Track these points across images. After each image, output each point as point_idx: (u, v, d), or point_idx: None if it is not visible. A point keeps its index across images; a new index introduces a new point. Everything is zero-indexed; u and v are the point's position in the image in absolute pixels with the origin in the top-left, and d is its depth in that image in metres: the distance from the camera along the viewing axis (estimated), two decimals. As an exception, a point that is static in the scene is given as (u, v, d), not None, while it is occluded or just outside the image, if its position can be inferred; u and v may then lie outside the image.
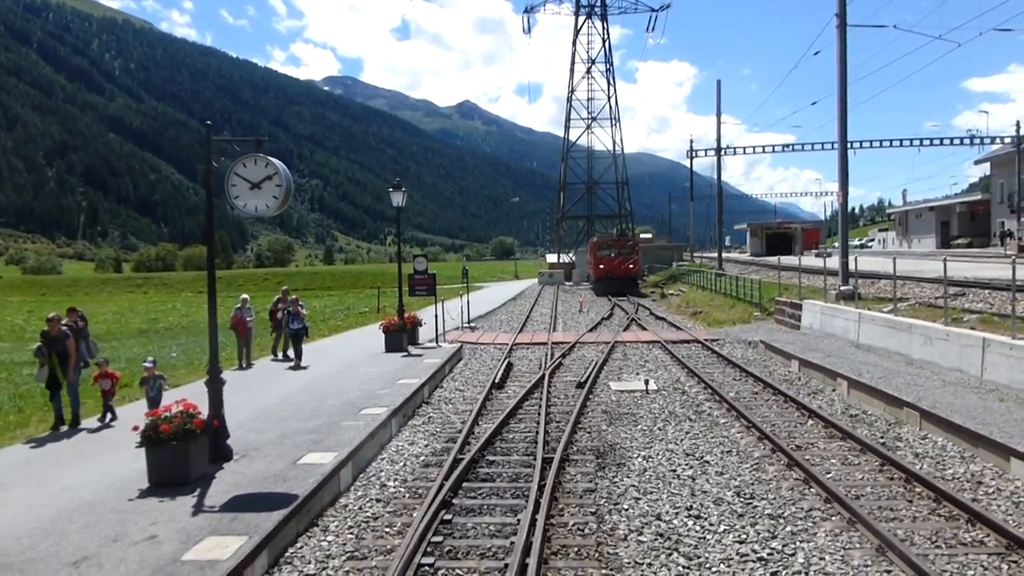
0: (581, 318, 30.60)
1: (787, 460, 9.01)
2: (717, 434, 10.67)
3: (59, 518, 6.75)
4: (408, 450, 10.12)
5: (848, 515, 7.11)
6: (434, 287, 19.75)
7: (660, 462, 9.27)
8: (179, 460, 7.56)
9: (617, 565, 6.28)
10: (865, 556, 6.26)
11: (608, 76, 73.59)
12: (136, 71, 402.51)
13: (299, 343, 16.45)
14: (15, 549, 6.02)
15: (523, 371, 16.55)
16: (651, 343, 20.70)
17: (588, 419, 11.71)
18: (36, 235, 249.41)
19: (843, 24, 18.87)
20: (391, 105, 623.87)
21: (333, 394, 12.70)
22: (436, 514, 7.36)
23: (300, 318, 16.46)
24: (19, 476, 8.21)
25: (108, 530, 6.41)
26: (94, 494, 7.42)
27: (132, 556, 5.84)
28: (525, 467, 9.00)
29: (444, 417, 12.15)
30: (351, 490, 8.42)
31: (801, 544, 6.58)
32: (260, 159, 8.20)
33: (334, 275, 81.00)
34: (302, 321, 16.56)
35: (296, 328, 16.38)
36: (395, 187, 18.12)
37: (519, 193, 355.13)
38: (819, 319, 19.51)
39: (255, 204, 8.22)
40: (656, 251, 71.49)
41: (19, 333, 35.66)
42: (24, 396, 14.35)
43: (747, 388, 14.00)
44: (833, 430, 10.44)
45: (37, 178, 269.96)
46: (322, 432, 9.88)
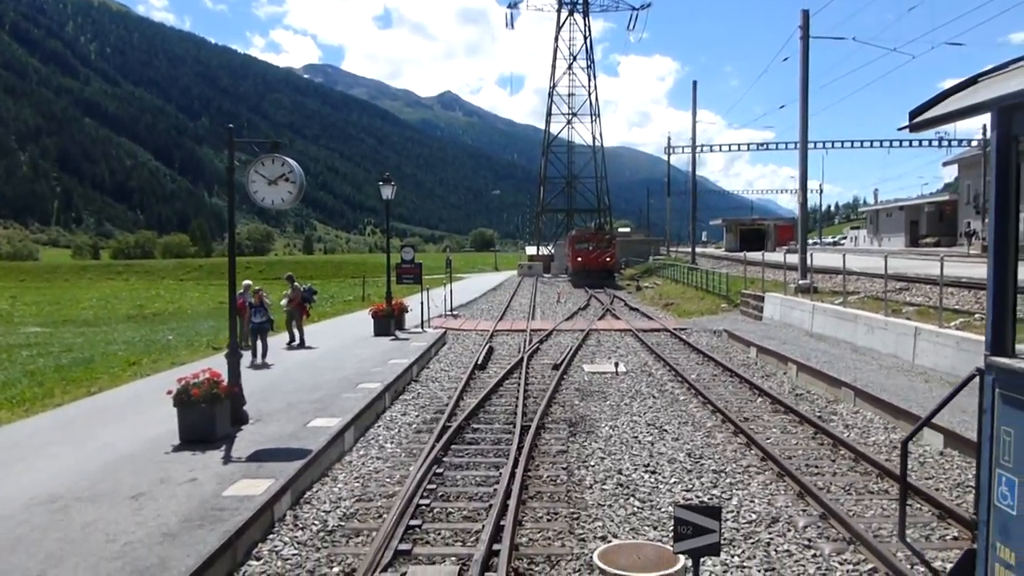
0: (559, 308, 31.91)
1: (735, 429, 10.34)
2: (677, 408, 11.98)
3: (109, 466, 7.89)
4: (401, 419, 11.34)
5: (778, 470, 8.44)
6: (420, 276, 20.95)
7: (624, 430, 10.56)
8: (207, 420, 8.71)
9: (583, 506, 7.54)
10: (787, 499, 7.59)
11: (589, 72, 74.95)
12: (112, 55, 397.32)
13: (264, 336, 15.34)
14: (81, 488, 7.17)
15: (503, 355, 17.79)
16: (623, 331, 22.04)
17: (562, 395, 12.98)
18: (8, 221, 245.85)
19: (806, 36, 20.28)
20: (372, 94, 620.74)
21: (330, 371, 13.88)
22: (430, 468, 8.58)
23: (264, 310, 15.30)
24: (62, 436, 9.32)
25: (154, 475, 7.57)
26: (133, 449, 8.55)
27: (180, 493, 7.02)
28: (506, 433, 10.24)
29: (432, 393, 13.37)
30: (354, 450, 9.63)
31: (737, 491, 7.89)
32: (277, 159, 9.34)
33: (316, 264, 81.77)
34: (267, 314, 15.35)
35: (260, 321, 15.20)
36: (384, 180, 19.24)
37: (499, 185, 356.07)
38: (779, 310, 20.97)
39: (272, 198, 9.36)
40: (633, 245, 73.05)
41: (7, 318, 36.30)
42: (34, 373, 15.28)
43: (708, 371, 15.36)
44: (778, 406, 11.81)
45: (10, 163, 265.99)
46: (324, 402, 11.08)
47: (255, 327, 15.18)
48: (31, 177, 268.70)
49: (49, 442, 9.00)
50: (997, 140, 3.14)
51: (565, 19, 74.30)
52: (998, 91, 3.11)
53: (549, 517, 7.23)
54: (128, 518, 6.36)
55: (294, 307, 17.66)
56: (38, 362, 17.62)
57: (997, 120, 3.15)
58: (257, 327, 15.17)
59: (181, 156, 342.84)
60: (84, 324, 32.60)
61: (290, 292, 17.59)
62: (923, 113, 3.69)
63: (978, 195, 60.09)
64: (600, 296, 37.86)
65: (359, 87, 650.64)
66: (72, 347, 21.25)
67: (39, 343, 23.26)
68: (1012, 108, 3.08)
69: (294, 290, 17.52)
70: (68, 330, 28.87)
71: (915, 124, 3.75)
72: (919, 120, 3.70)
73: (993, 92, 3.14)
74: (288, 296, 17.67)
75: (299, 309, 17.75)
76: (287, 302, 17.67)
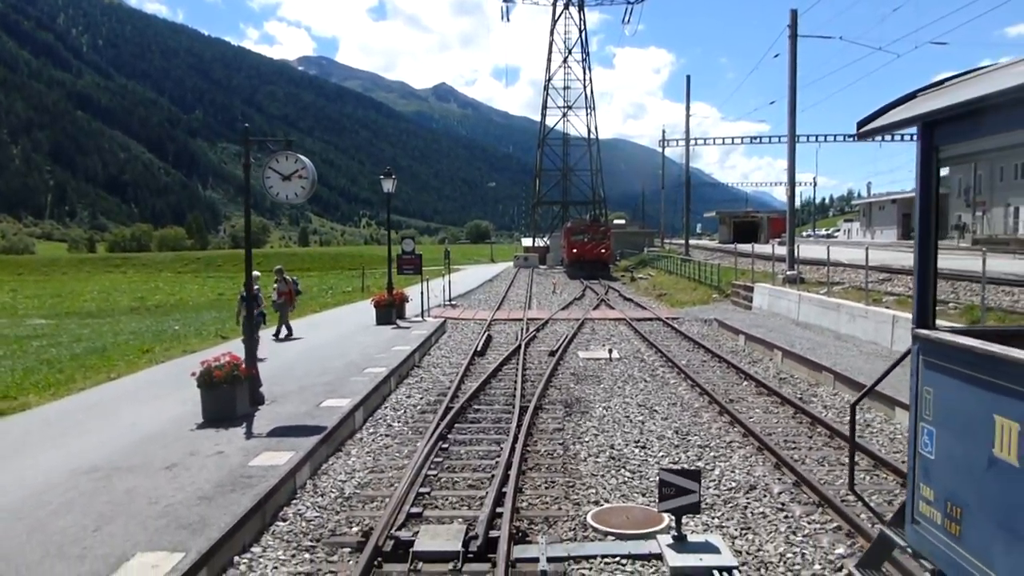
0: (554, 298, 32.57)
1: (720, 409, 11.03)
2: (667, 391, 12.65)
3: (140, 442, 8.53)
4: (406, 401, 11.99)
5: (759, 444, 9.12)
6: (420, 266, 21.58)
7: (617, 411, 11.22)
8: (228, 400, 9.36)
9: (578, 476, 8.21)
10: (764, 470, 8.27)
11: (584, 65, 75.42)
12: (104, 47, 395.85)
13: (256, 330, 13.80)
14: (117, 460, 7.81)
15: (501, 342, 18.45)
16: (617, 320, 22.71)
17: (558, 379, 13.64)
18: (2, 215, 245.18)
19: (794, 36, 20.92)
20: (367, 86, 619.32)
21: (336, 357, 14.52)
22: (435, 444, 9.24)
23: (258, 303, 14.22)
24: (90, 417, 9.95)
25: (183, 449, 8.22)
26: (159, 428, 9.19)
27: (209, 464, 7.66)
28: (506, 413, 10.90)
29: (434, 377, 14.03)
30: (363, 428, 10.28)
31: (719, 463, 8.57)
32: (291, 156, 9.94)
33: (313, 256, 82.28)
34: (259, 306, 14.40)
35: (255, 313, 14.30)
36: (386, 174, 19.84)
37: (495, 177, 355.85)
38: (768, 300, 21.66)
39: (286, 193, 9.97)
40: (628, 237, 73.71)
41: (11, 310, 36.80)
42: (52, 362, 15.84)
43: (698, 357, 16.04)
44: (763, 388, 12.50)
45: (2, 156, 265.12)
46: (334, 385, 11.72)
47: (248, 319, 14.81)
48: (24, 170, 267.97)
49: (80, 422, 9.63)
50: (921, 150, 3.79)
51: (560, 13, 74.81)
52: (922, 108, 3.76)
53: (547, 485, 7.90)
54: (165, 485, 7.01)
55: (285, 300, 17.51)
56: (50, 352, 18.18)
57: (921, 132, 3.80)
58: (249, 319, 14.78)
59: (175, 149, 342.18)
60: (88, 316, 33.16)
61: (279, 285, 17.44)
62: (868, 124, 4.34)
63: (969, 189, 61.00)
64: (595, 287, 38.53)
65: (354, 79, 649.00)
66: (80, 338, 21.82)
67: (47, 334, 23.81)
68: (933, 123, 3.73)
69: (284, 283, 17.45)
70: (73, 322, 29.41)
71: (861, 133, 4.40)
72: (864, 129, 4.35)
73: (919, 109, 3.79)
74: (277, 289, 17.49)
75: (288, 302, 17.62)
76: (277, 295, 17.51)
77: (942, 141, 3.72)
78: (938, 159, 3.79)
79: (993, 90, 3.16)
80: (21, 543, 5.66)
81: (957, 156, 3.91)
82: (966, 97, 3.37)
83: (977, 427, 3.31)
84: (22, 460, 7.90)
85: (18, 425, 9.59)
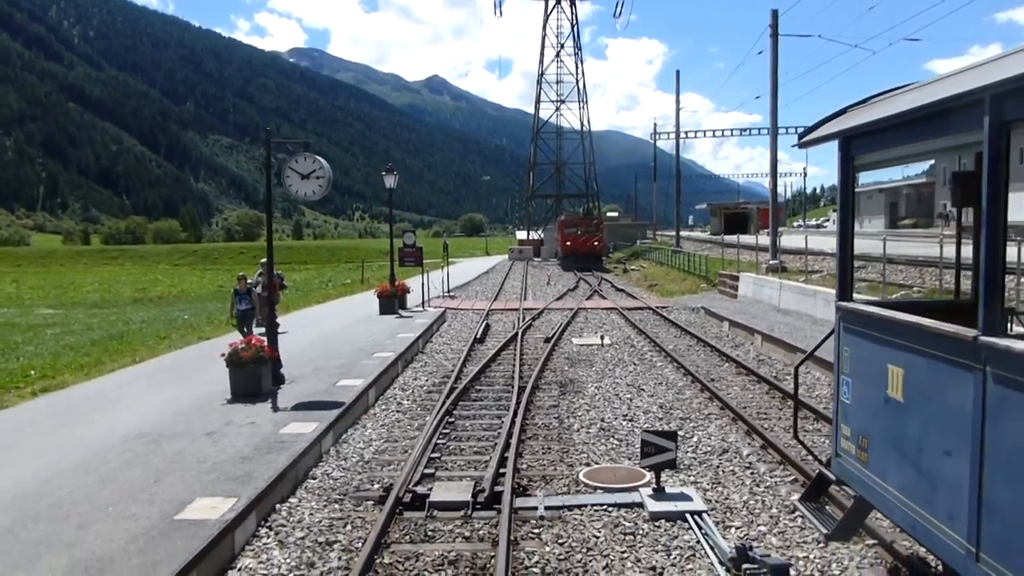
0: (549, 289, 33.57)
1: (701, 387, 12.04)
2: (654, 373, 13.66)
3: (178, 414, 9.49)
4: (413, 383, 12.97)
5: (734, 416, 10.14)
6: (421, 258, 22.54)
7: (608, 390, 12.22)
8: (254, 379, 10.32)
9: (571, 443, 9.21)
10: (737, 436, 9.29)
11: (576, 59, 76.29)
12: (96, 39, 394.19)
13: (249, 324, 14.91)
14: (162, 429, 8.77)
15: (499, 330, 19.43)
16: (609, 309, 23.73)
17: (554, 363, 14.64)
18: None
19: (775, 35, 21.91)
20: (359, 79, 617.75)
21: (345, 343, 15.49)
22: (443, 418, 10.22)
23: (249, 297, 14.96)
24: (127, 393, 10.91)
25: (219, 420, 9.18)
26: (193, 403, 10.15)
27: (244, 432, 8.63)
28: (505, 392, 11.89)
29: (437, 362, 15.01)
30: (376, 406, 11.26)
31: (697, 431, 9.58)
32: (308, 157, 10.89)
33: (309, 249, 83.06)
34: (250, 301, 14.94)
35: (245, 308, 14.85)
36: (388, 170, 20.76)
37: (488, 170, 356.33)
38: (752, 289, 22.71)
39: (304, 191, 10.92)
40: (621, 229, 74.77)
41: (17, 301, 37.58)
42: (75, 347, 16.75)
43: (684, 343, 17.06)
44: (742, 369, 13.52)
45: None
46: (346, 367, 12.70)
47: (241, 314, 14.82)
48: (16, 162, 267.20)
49: (118, 398, 10.59)
50: (840, 159, 4.78)
51: (553, 7, 75.57)
52: (840, 126, 4.74)
53: (544, 451, 8.90)
54: (209, 448, 7.99)
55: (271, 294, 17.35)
56: (67, 339, 19.08)
57: (840, 145, 4.78)
58: (242, 314, 14.84)
59: (166, 141, 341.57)
60: (93, 306, 33.98)
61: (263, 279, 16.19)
62: (806, 136, 5.32)
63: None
64: (588, 278, 39.53)
65: (346, 71, 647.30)
66: (92, 326, 22.72)
67: (58, 323, 24.68)
68: (849, 137, 4.72)
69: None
70: (80, 311, 30.25)
71: (801, 143, 5.39)
72: (803, 141, 5.33)
73: (838, 127, 4.78)
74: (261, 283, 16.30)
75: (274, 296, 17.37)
76: (261, 289, 16.22)
77: (856, 152, 4.71)
78: (853, 166, 4.77)
79: (887, 113, 4.14)
80: (97, 490, 6.64)
81: (868, 163, 4.89)
82: (869, 118, 4.36)
83: (877, 374, 4.32)
84: (76, 428, 8.86)
85: (62, 401, 10.54)
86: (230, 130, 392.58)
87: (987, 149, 3.27)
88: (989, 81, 3.22)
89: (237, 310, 14.91)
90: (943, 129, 3.74)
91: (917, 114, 3.84)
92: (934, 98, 3.62)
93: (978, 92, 3.29)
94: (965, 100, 3.39)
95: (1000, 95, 3.19)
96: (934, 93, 3.70)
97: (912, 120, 3.93)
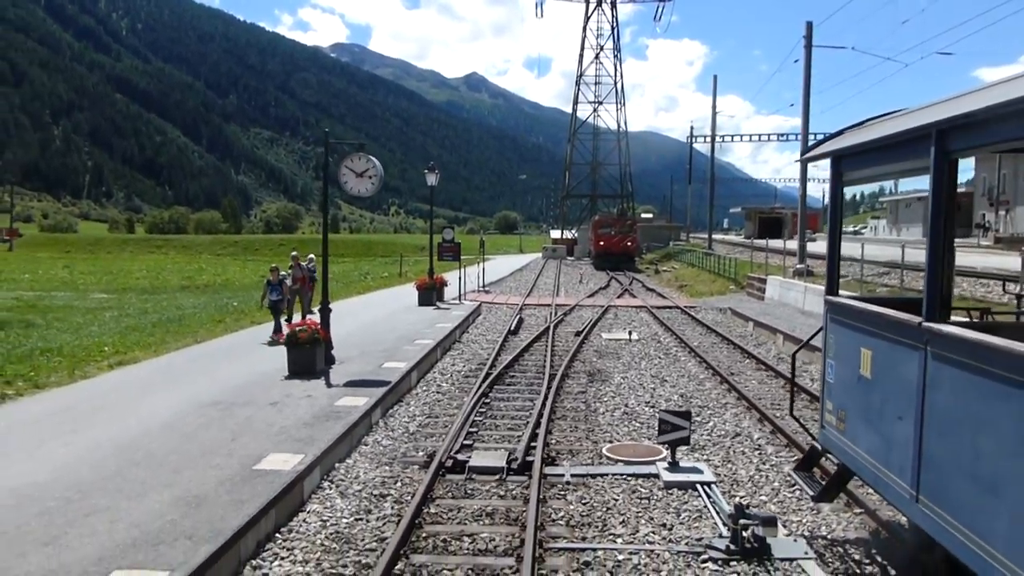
0: (581, 287, 34.38)
1: (721, 379, 12.83)
2: (678, 366, 14.46)
3: (243, 387, 10.56)
4: (451, 368, 13.94)
5: (748, 405, 10.93)
6: (459, 253, 23.54)
7: (633, 380, 13.06)
8: (309, 358, 11.36)
9: (597, 424, 10.08)
10: (751, 423, 10.09)
11: (616, 61, 76.83)
12: (143, 31, 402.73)
13: (278, 316, 15.43)
14: (231, 398, 9.83)
15: (532, 324, 20.34)
16: (639, 308, 24.50)
17: (583, 355, 15.50)
18: (42, 193, 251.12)
19: (809, 46, 22.49)
20: (398, 75, 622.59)
21: (388, 331, 16.52)
22: (479, 399, 11.16)
23: (280, 288, 15.45)
24: (194, 368, 12.03)
25: (279, 392, 10.23)
26: (254, 378, 11.22)
27: (303, 404, 9.65)
28: (537, 379, 12.79)
29: (473, 351, 15.97)
30: (417, 387, 12.24)
31: (713, 417, 10.40)
32: (363, 157, 11.90)
33: (347, 243, 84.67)
34: (280, 292, 15.45)
35: (276, 299, 15.34)
36: (430, 169, 21.79)
37: (524, 168, 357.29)
38: (778, 291, 23.32)
39: (358, 188, 11.93)
40: (655, 231, 75.16)
41: (72, 285, 39.38)
42: (137, 328, 17.96)
43: (709, 340, 17.81)
44: (761, 365, 14.27)
45: (43, 136, 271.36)
46: (391, 351, 13.71)
47: (273, 304, 15.34)
48: (63, 151, 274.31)
49: (187, 372, 11.71)
50: (831, 174, 5.60)
51: (593, 9, 76.20)
52: (831, 147, 5.56)
53: (571, 430, 9.79)
54: (274, 415, 9.01)
55: (300, 286, 17.48)
56: (127, 321, 20.38)
57: (832, 163, 5.60)
58: (274, 304, 15.35)
59: (209, 133, 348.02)
60: (143, 292, 35.56)
61: (293, 271, 17.36)
62: (807, 153, 6.16)
63: (992, 188, 61.63)
64: (620, 278, 40.26)
65: (385, 67, 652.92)
66: (147, 310, 24.09)
67: (114, 307, 26.11)
68: (838, 157, 5.53)
69: (299, 269, 17.57)
70: (132, 296, 31.77)
71: (803, 159, 6.26)
72: (804, 157, 6.18)
73: (830, 147, 5.60)
74: (292, 275, 17.22)
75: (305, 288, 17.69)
76: (292, 281, 17.12)
77: (844, 169, 5.53)
78: (842, 181, 5.59)
79: (865, 139, 4.97)
80: (183, 445, 7.69)
81: (854, 179, 5.69)
82: (854, 142, 5.18)
83: (853, 357, 5.14)
84: (154, 396, 9.96)
85: (138, 374, 11.69)
86: (271, 123, 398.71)
87: (932, 174, 4.10)
88: (937, 118, 4.04)
89: (269, 300, 15.44)
90: (908, 155, 4.56)
91: (888, 141, 4.66)
92: (897, 130, 4.45)
93: (928, 127, 4.11)
94: (919, 133, 4.22)
95: (943, 131, 4.01)
96: (900, 125, 4.52)
97: (884, 146, 4.76)
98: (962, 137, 3.90)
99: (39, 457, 7.29)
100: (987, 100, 3.55)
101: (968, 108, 3.70)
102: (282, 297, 15.48)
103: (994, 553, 3.41)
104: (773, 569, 5.62)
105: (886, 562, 5.79)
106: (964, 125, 3.81)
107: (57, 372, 11.53)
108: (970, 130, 3.80)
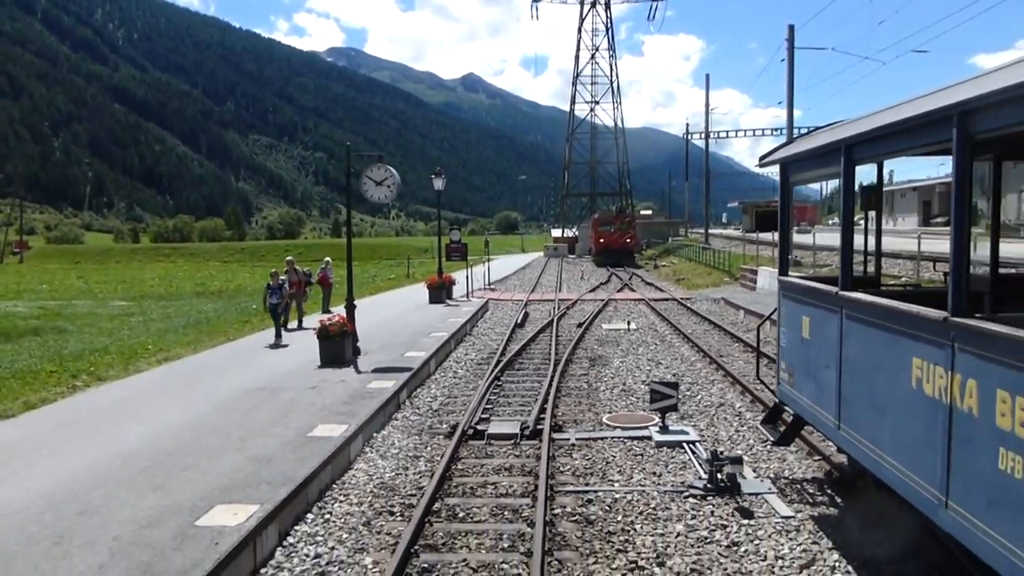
0: (582, 283, 35.70)
1: (710, 360, 14.13)
2: (672, 351, 15.75)
3: (282, 375, 11.87)
4: (465, 357, 15.24)
5: (732, 380, 12.23)
6: (466, 253, 24.87)
7: (631, 364, 14.35)
8: (339, 348, 12.66)
9: (598, 400, 11.37)
10: (734, 395, 11.39)
11: (611, 60, 78.11)
12: (139, 41, 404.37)
13: (276, 318, 15.96)
14: (273, 385, 11.14)
15: (537, 318, 21.63)
16: (637, 300, 25.80)
17: (585, 343, 16.80)
18: (44, 205, 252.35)
19: (791, 48, 23.77)
20: (395, 77, 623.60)
21: (403, 326, 17.83)
22: (492, 382, 12.46)
23: (280, 292, 15.96)
24: (235, 362, 13.33)
25: (316, 378, 11.54)
26: (291, 368, 12.52)
27: (338, 388, 10.96)
28: (543, 364, 14.09)
29: (484, 342, 17.27)
30: (436, 373, 13.54)
31: (701, 392, 11.69)
32: (382, 167, 13.21)
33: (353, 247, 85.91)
34: (280, 296, 15.94)
35: (275, 303, 15.86)
36: (436, 174, 23.09)
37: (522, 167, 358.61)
38: (769, 282, 24.58)
39: (378, 195, 13.24)
40: (654, 227, 76.46)
41: (90, 293, 40.70)
42: (169, 331, 19.24)
43: (702, 328, 19.10)
44: (748, 348, 15.55)
45: (43, 148, 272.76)
46: (409, 343, 15.01)
47: (272, 307, 15.87)
48: (64, 162, 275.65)
49: (229, 364, 13.02)
50: (781, 182, 6.88)
51: (588, 10, 77.50)
52: (780, 154, 6.85)
53: (576, 404, 11.09)
54: (314, 397, 10.32)
55: (296, 290, 17.92)
56: (155, 325, 21.67)
57: (781, 168, 6.88)
58: (273, 307, 15.85)
59: (208, 141, 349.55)
60: (160, 299, 36.85)
61: (289, 276, 17.70)
62: (763, 159, 7.43)
63: (984, 177, 62.87)
64: (620, 274, 41.56)
65: (382, 70, 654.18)
66: (169, 315, 25.36)
67: (136, 313, 27.39)
68: (787, 164, 6.82)
69: (294, 273, 17.96)
70: (151, 303, 33.05)
71: (760, 164, 7.49)
72: (761, 163, 7.44)
73: (779, 155, 6.88)
74: (287, 280, 17.47)
75: (300, 293, 18.33)
76: (289, 285, 17.34)
77: (791, 173, 6.81)
78: (790, 183, 6.88)
79: (800, 149, 6.26)
80: (242, 420, 9.00)
81: (799, 180, 6.96)
82: (795, 151, 6.47)
83: (797, 323, 6.43)
84: (205, 384, 11.27)
85: (185, 367, 13.00)
86: (269, 130, 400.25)
87: (843, 183, 5.38)
88: (844, 136, 5.32)
89: (269, 303, 16.07)
90: (827, 163, 5.85)
91: (814, 152, 5.95)
92: (818, 144, 5.75)
93: (836, 143, 5.39)
94: (832, 147, 5.50)
95: (850, 147, 5.29)
96: (818, 140, 5.81)
97: (812, 156, 6.05)
98: (865, 150, 5.20)
99: (122, 434, 8.59)
100: (876, 123, 4.82)
101: (866, 127, 4.99)
102: (281, 300, 16.08)
103: (882, 455, 4.70)
104: (741, 500, 6.92)
105: (833, 492, 7.09)
106: (865, 141, 5.10)
107: (113, 368, 12.84)
108: (870, 144, 5.09)
